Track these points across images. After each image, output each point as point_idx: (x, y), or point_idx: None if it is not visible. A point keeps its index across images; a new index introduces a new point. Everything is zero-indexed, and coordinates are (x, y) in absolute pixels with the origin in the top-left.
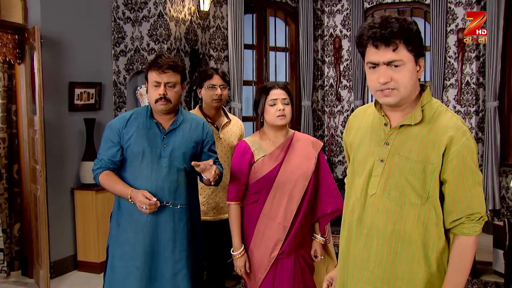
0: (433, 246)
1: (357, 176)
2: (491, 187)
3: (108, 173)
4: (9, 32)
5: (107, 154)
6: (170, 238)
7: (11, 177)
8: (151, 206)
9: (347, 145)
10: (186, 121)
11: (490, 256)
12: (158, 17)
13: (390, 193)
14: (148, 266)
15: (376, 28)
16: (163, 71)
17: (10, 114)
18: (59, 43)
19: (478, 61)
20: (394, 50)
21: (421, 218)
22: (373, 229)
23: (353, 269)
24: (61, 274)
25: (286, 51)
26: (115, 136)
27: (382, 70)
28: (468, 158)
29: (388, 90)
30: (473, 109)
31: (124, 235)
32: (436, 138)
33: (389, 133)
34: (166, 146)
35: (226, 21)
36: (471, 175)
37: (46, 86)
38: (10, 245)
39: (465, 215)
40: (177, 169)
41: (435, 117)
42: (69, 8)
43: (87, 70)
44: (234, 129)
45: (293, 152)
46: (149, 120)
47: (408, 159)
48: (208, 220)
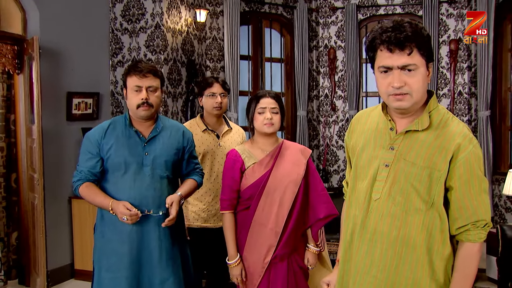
0: (437, 252)
1: (359, 180)
2: None
3: (88, 185)
4: (9, 43)
5: (86, 166)
6: (156, 246)
7: (9, 186)
8: (132, 217)
9: (348, 148)
10: (166, 127)
11: (483, 263)
12: (155, 28)
13: (395, 198)
14: (136, 275)
15: (390, 32)
16: (144, 75)
17: (9, 123)
18: (58, 53)
19: (470, 71)
20: (409, 54)
21: (425, 224)
22: (377, 234)
23: (355, 274)
24: (58, 282)
25: (282, 61)
26: (94, 147)
27: (396, 74)
28: (475, 166)
29: (401, 95)
30: (465, 118)
31: (109, 246)
32: (443, 144)
33: (394, 138)
34: (148, 154)
35: (222, 32)
36: (477, 183)
37: (44, 96)
38: (8, 254)
39: (471, 222)
40: (160, 177)
41: (442, 123)
42: (67, 20)
43: (85, 80)
44: (235, 137)
45: (282, 159)
46: (128, 129)
47: (414, 164)
48: (208, 227)
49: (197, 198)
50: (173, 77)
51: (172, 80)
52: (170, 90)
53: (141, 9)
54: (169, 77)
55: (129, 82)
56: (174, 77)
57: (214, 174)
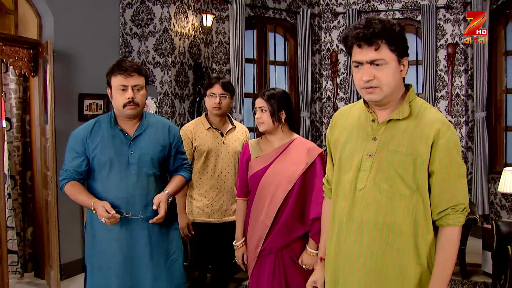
0: (422, 237)
1: (344, 172)
2: (480, 194)
3: (74, 184)
4: (25, 47)
5: (72, 165)
6: (147, 243)
7: (25, 183)
8: (110, 219)
9: (330, 143)
10: (151, 124)
11: (479, 258)
12: (163, 32)
13: (380, 186)
14: (128, 273)
15: (360, 29)
16: (129, 74)
17: (24, 124)
18: (71, 56)
19: (467, 74)
20: (376, 50)
21: (410, 209)
22: (364, 223)
23: (344, 264)
24: (71, 276)
25: (285, 65)
26: (80, 146)
27: (366, 69)
28: (454, 151)
29: (372, 88)
30: (463, 119)
31: (100, 246)
32: (423, 131)
33: (376, 128)
34: (133, 152)
35: (228, 36)
36: (456, 167)
37: (57, 97)
38: (24, 248)
39: (450, 206)
40: (147, 175)
41: (421, 112)
42: (80, 24)
43: (96, 82)
44: (238, 135)
45: (285, 156)
46: (113, 128)
47: (397, 152)
48: (212, 223)
49: (202, 194)
50: (180, 79)
51: (179, 82)
52: (178, 91)
53: (149, 14)
54: (177, 79)
55: (114, 81)
56: (182, 79)
57: (218, 171)
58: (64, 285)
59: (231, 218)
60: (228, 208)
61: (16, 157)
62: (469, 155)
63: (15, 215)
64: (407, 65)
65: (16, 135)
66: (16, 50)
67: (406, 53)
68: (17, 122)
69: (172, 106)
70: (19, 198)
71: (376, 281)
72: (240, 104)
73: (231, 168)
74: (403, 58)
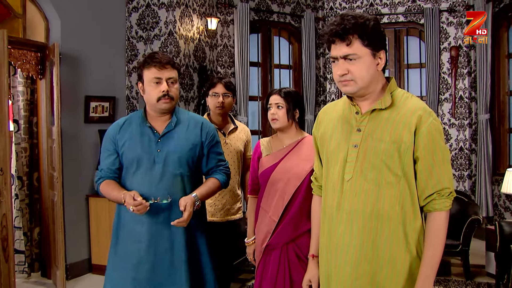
0: (410, 224)
1: (331, 165)
2: (484, 196)
3: (108, 182)
4: (33, 50)
5: (106, 164)
6: (168, 248)
7: (32, 184)
8: (137, 207)
9: (316, 139)
10: (182, 121)
11: (483, 260)
12: (168, 36)
13: (367, 175)
14: (146, 278)
15: (334, 25)
16: (164, 66)
17: (32, 125)
18: (77, 59)
19: (470, 76)
20: (348, 45)
21: (397, 197)
22: (352, 213)
23: (336, 255)
24: (77, 276)
25: (290, 68)
26: (111, 144)
27: (340, 64)
28: (437, 136)
29: (346, 81)
30: (466, 121)
31: (122, 246)
32: (406, 118)
33: (360, 119)
34: (160, 150)
35: (233, 40)
36: (440, 152)
37: (64, 99)
38: (31, 248)
39: (436, 190)
40: (173, 175)
41: (403, 101)
42: (87, 28)
43: (102, 85)
44: (240, 135)
45: (295, 153)
46: (143, 125)
47: (382, 141)
48: (215, 221)
49: None
50: (185, 82)
51: (184, 85)
52: (183, 94)
53: (155, 18)
54: (182, 82)
55: (147, 74)
56: (187, 82)
57: None
58: (70, 285)
59: (234, 217)
60: (231, 207)
61: (24, 158)
62: (473, 157)
63: (22, 216)
64: (384, 58)
65: (23, 136)
66: (24, 53)
67: (382, 47)
68: (24, 124)
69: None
70: (26, 198)
71: (368, 269)
72: (245, 107)
73: (234, 167)
74: (378, 52)
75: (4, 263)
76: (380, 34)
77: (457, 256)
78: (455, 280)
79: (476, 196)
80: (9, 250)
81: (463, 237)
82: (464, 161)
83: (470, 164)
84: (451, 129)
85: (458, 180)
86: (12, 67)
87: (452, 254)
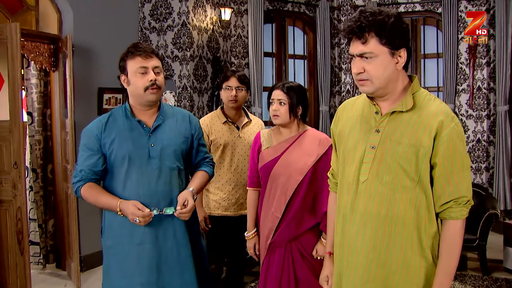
0: (425, 230)
1: (347, 164)
2: (502, 188)
3: (91, 185)
4: (46, 42)
5: (87, 164)
6: (173, 245)
7: (46, 176)
8: (145, 218)
9: (335, 135)
10: (170, 115)
11: (501, 254)
12: (181, 26)
13: (383, 178)
14: (154, 281)
15: (351, 22)
16: (149, 55)
17: (45, 118)
18: (90, 51)
19: (489, 66)
20: (364, 43)
21: (412, 201)
22: (366, 215)
23: (348, 256)
24: (91, 268)
25: (305, 58)
26: (95, 143)
27: (356, 62)
28: (458, 142)
29: (362, 81)
30: (484, 113)
31: (121, 252)
32: (427, 122)
33: (380, 120)
34: (154, 145)
35: (247, 30)
36: (460, 159)
37: (77, 91)
38: (45, 239)
39: (453, 198)
40: (170, 169)
41: (425, 103)
42: (99, 19)
43: (116, 76)
44: (254, 128)
45: (296, 147)
46: (130, 119)
47: (400, 143)
48: (228, 216)
49: (218, 188)
50: (199, 73)
51: (198, 76)
52: (196, 85)
53: (168, 9)
54: (195, 73)
55: (131, 65)
56: (200, 73)
57: (235, 165)
58: (84, 277)
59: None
60: (245, 202)
61: (38, 151)
62: (491, 149)
63: (37, 208)
64: (405, 56)
65: (37, 129)
66: (37, 45)
67: (403, 45)
68: (38, 116)
69: (191, 100)
70: (41, 191)
71: (380, 273)
72: (259, 98)
73: (248, 161)
74: (398, 50)
75: (20, 255)
76: (401, 32)
77: (474, 251)
78: (471, 275)
79: (494, 189)
80: (24, 243)
81: (480, 231)
82: (482, 153)
83: (488, 157)
84: (468, 121)
85: (475, 172)
86: (26, 59)
87: (468, 249)
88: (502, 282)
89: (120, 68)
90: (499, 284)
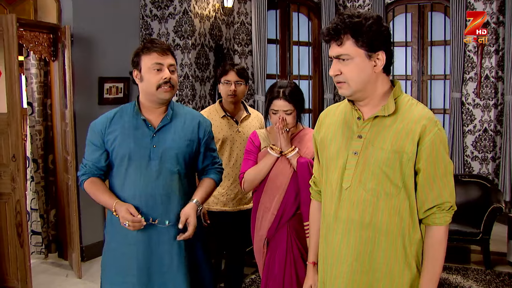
0: (409, 237)
1: (330, 171)
2: (508, 179)
3: (94, 181)
4: (45, 32)
5: (91, 159)
6: (166, 250)
7: (47, 167)
8: (134, 223)
9: (317, 142)
10: (178, 115)
11: (504, 247)
12: (183, 14)
13: (366, 184)
14: (145, 282)
15: (330, 25)
16: (165, 51)
17: (46, 108)
18: (90, 40)
19: (497, 55)
20: (339, 45)
21: (396, 208)
22: (350, 223)
23: (331, 265)
24: (92, 258)
25: (309, 45)
26: (98, 139)
27: (333, 64)
28: (441, 148)
29: (340, 83)
30: (492, 102)
31: (119, 249)
32: (409, 127)
33: (362, 125)
34: (156, 146)
35: (250, 17)
36: (443, 165)
37: (77, 81)
38: (47, 229)
39: (436, 204)
40: (170, 172)
41: (407, 108)
42: (99, 8)
43: (116, 65)
44: (253, 122)
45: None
46: (136, 117)
47: (383, 149)
48: (227, 211)
49: None
50: (201, 62)
51: (200, 64)
52: (198, 74)
53: None
54: (197, 61)
55: (146, 60)
56: (202, 62)
57: (233, 159)
58: (86, 267)
59: (246, 207)
60: (243, 197)
61: (38, 141)
62: (498, 139)
63: (38, 198)
64: (383, 59)
65: (38, 119)
66: (36, 35)
67: (381, 48)
68: (38, 106)
69: (193, 89)
70: (42, 181)
71: (364, 281)
72: (263, 86)
73: None
74: (375, 53)
75: (20, 248)
76: (379, 34)
77: (477, 244)
78: (474, 268)
79: (500, 179)
80: (24, 236)
81: (483, 225)
82: (488, 143)
83: (494, 146)
84: (475, 110)
85: (482, 162)
86: (25, 49)
87: (471, 242)
88: (505, 277)
89: (133, 63)
90: (502, 278)
